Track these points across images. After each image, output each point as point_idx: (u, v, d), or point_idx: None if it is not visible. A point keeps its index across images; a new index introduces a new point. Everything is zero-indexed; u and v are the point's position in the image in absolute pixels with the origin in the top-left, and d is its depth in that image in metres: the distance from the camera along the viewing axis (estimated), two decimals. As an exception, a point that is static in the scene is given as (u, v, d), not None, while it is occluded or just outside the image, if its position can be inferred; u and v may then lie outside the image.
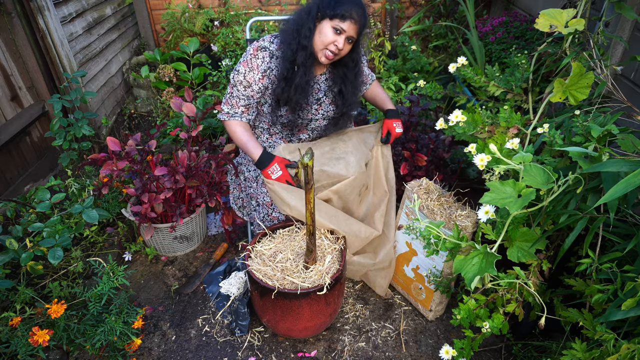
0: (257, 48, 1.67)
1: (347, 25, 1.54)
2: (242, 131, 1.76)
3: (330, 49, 1.58)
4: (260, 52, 1.66)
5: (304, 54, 1.60)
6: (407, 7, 4.00)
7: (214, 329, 1.86)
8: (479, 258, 1.14)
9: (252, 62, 1.67)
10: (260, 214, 1.92)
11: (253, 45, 1.68)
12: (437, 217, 1.65)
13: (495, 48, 2.72)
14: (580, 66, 1.34)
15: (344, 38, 1.57)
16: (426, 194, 1.75)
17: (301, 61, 1.61)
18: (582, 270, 1.23)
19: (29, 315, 1.59)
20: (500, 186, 1.11)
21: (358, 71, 1.75)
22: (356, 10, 1.53)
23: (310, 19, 1.57)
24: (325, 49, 1.59)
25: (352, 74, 1.74)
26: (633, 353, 1.01)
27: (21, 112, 2.42)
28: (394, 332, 1.83)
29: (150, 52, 3.82)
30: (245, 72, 1.68)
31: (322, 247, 1.71)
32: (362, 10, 1.56)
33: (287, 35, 1.63)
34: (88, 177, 2.53)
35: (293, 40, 1.61)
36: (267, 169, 1.67)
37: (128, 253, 2.17)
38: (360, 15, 1.54)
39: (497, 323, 1.29)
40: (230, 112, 1.77)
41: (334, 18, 1.53)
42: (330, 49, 1.58)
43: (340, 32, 1.55)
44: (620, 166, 1.03)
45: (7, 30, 2.35)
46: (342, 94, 1.77)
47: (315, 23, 1.58)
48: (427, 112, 2.39)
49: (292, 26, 1.62)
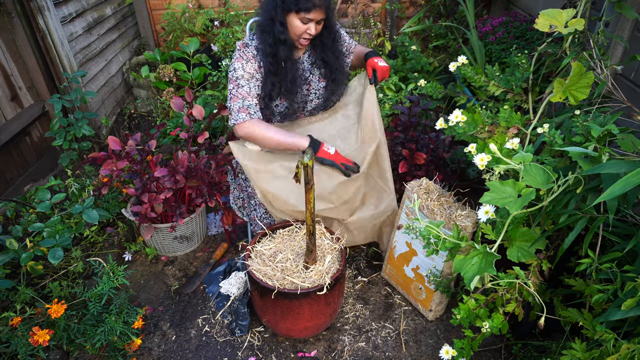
0: (243, 44, 1.74)
1: (313, 14, 1.60)
2: (274, 129, 1.72)
3: (304, 37, 1.67)
4: (247, 47, 1.73)
5: (285, 47, 1.68)
6: (407, 7, 4.00)
7: (214, 329, 1.86)
8: (478, 258, 1.14)
9: (245, 54, 1.71)
10: (258, 212, 1.93)
11: (238, 44, 1.74)
12: (437, 217, 1.65)
13: (495, 48, 2.72)
14: (580, 66, 1.34)
15: (314, 24, 1.64)
16: (426, 194, 1.75)
17: (285, 54, 1.68)
18: (582, 270, 1.23)
19: (29, 315, 1.59)
20: (500, 186, 1.11)
21: (335, 36, 1.79)
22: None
23: (278, 14, 1.63)
24: (299, 38, 1.68)
25: (329, 40, 1.77)
26: (633, 353, 1.01)
27: (21, 112, 2.42)
28: (394, 332, 1.83)
29: (150, 52, 3.82)
30: (242, 65, 1.71)
31: (322, 247, 1.71)
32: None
33: (263, 33, 1.68)
34: (88, 177, 2.53)
35: (269, 36, 1.67)
36: (321, 147, 1.73)
37: (128, 253, 2.17)
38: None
39: (496, 323, 1.29)
40: (244, 106, 1.70)
41: (299, 12, 1.60)
42: (304, 37, 1.67)
43: (309, 21, 1.63)
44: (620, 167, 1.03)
45: (7, 30, 2.35)
46: (325, 61, 1.81)
47: (285, 17, 1.64)
48: (427, 112, 2.39)
49: (265, 23, 1.67)
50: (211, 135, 3.07)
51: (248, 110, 1.71)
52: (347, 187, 1.78)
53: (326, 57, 1.80)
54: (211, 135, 3.07)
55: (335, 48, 1.80)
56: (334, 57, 1.81)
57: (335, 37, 1.79)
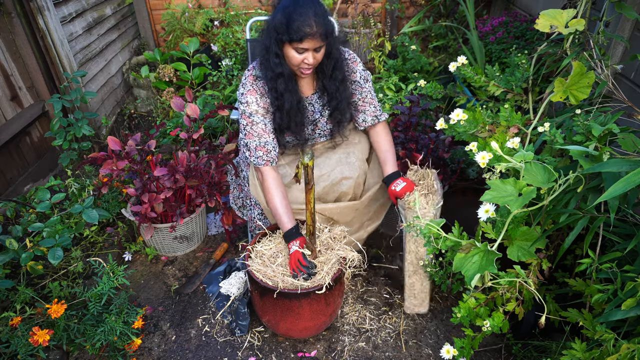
0: (253, 77, 1.65)
1: (307, 43, 1.48)
2: (279, 196, 1.65)
3: (302, 67, 1.57)
4: (258, 80, 1.65)
5: (283, 80, 1.59)
6: (407, 7, 4.00)
7: (214, 329, 1.85)
8: (479, 256, 1.14)
9: (259, 88, 1.64)
10: (253, 213, 1.94)
11: (247, 75, 1.66)
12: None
13: (495, 48, 2.72)
14: (581, 65, 1.34)
15: (310, 53, 1.52)
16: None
17: (283, 87, 1.60)
18: (582, 270, 1.23)
19: (29, 315, 1.59)
20: (501, 184, 1.11)
21: (336, 65, 1.65)
22: (309, 23, 1.44)
23: (273, 47, 1.54)
24: (298, 68, 1.58)
25: (328, 69, 1.65)
26: (633, 353, 1.01)
27: (21, 112, 2.42)
28: (394, 332, 1.83)
29: (150, 52, 3.82)
30: (256, 99, 1.63)
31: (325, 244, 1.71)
32: (317, 17, 1.46)
33: (261, 65, 1.61)
34: (88, 177, 2.53)
35: (268, 70, 1.59)
36: (291, 242, 1.63)
37: (128, 253, 2.17)
38: (317, 25, 1.45)
39: (497, 322, 1.29)
40: (260, 144, 1.65)
41: (292, 42, 1.49)
42: (302, 67, 1.57)
43: (304, 51, 1.51)
44: (621, 166, 1.03)
45: (7, 30, 2.35)
46: (325, 88, 1.70)
47: (281, 48, 1.55)
48: (427, 112, 2.39)
49: (262, 56, 1.59)
50: (211, 135, 3.07)
51: (266, 147, 1.66)
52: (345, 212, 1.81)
53: (325, 84, 1.69)
54: (211, 135, 3.07)
55: (334, 76, 1.67)
56: (335, 86, 1.69)
57: (335, 65, 1.65)
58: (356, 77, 1.77)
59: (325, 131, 1.82)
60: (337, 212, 1.79)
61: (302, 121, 1.70)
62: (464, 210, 1.89)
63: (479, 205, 1.17)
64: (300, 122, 1.69)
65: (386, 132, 1.86)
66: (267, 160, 1.66)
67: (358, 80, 1.77)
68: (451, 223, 1.36)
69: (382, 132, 1.85)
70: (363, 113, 1.82)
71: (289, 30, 1.45)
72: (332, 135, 1.85)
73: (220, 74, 3.39)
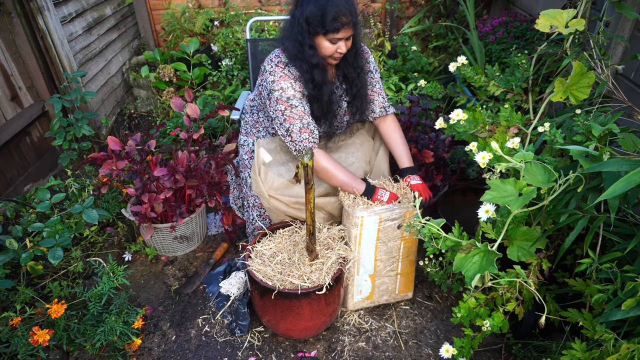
0: (283, 63, 1.64)
1: (342, 33, 1.53)
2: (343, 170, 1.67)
3: (334, 57, 1.61)
4: (289, 66, 1.64)
5: (319, 71, 1.60)
6: (407, 7, 4.00)
7: (214, 329, 1.85)
8: (479, 256, 1.14)
9: (291, 73, 1.63)
10: (251, 216, 1.95)
11: (275, 61, 1.64)
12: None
13: (495, 48, 2.72)
14: (581, 65, 1.34)
15: (343, 42, 1.57)
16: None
17: (321, 78, 1.61)
18: (582, 270, 1.23)
19: (29, 315, 1.59)
20: (501, 184, 1.11)
21: (357, 51, 1.69)
22: (343, 12, 1.49)
23: (306, 38, 1.55)
24: (330, 57, 1.61)
25: (351, 56, 1.68)
26: (633, 353, 1.01)
27: (21, 112, 2.42)
28: (394, 332, 1.83)
29: (150, 52, 3.82)
30: (292, 84, 1.62)
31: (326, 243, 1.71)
32: (349, 5, 1.51)
33: (295, 59, 1.61)
34: (88, 177, 2.53)
35: (303, 63, 1.60)
36: (374, 194, 1.66)
37: (128, 253, 2.17)
38: (350, 15, 1.51)
39: (497, 321, 1.29)
40: (303, 125, 1.63)
41: (327, 34, 1.52)
42: (335, 56, 1.61)
43: (338, 41, 1.56)
44: (621, 165, 1.03)
45: (7, 30, 2.35)
46: (345, 77, 1.73)
47: (313, 40, 1.57)
48: (427, 112, 2.39)
49: (294, 49, 1.59)
50: (211, 135, 3.07)
51: (309, 128, 1.65)
52: None
53: (347, 72, 1.72)
54: (211, 135, 3.07)
55: (357, 64, 1.71)
56: (356, 74, 1.72)
57: (357, 52, 1.70)
58: (370, 67, 1.80)
59: (342, 123, 1.84)
60: (338, 207, 1.80)
61: (336, 111, 1.74)
62: (464, 210, 1.89)
63: (479, 205, 1.17)
64: (334, 112, 1.73)
65: (398, 127, 1.88)
66: (313, 142, 1.66)
67: (371, 70, 1.81)
68: (451, 223, 1.36)
69: (392, 125, 1.87)
70: (372, 103, 1.85)
71: (324, 21, 1.49)
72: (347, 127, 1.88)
73: (220, 74, 3.39)
